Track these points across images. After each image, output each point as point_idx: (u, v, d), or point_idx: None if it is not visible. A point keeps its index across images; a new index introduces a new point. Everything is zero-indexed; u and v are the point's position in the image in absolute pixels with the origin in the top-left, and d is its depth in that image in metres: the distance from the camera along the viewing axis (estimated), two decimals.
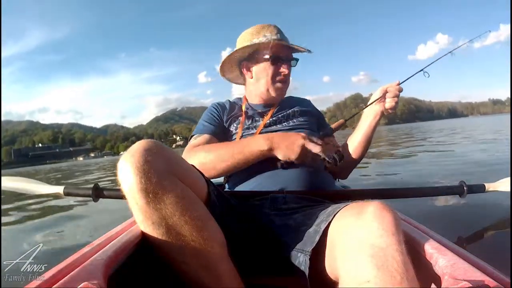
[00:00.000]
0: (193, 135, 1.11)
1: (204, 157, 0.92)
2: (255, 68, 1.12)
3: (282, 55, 1.07)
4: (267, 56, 1.07)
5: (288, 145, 0.88)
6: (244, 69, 1.16)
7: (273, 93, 1.11)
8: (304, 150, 0.87)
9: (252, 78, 1.14)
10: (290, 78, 1.15)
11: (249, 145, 0.90)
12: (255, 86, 1.14)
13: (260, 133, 1.05)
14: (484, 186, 1.19)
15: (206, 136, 1.07)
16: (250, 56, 1.12)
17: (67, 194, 1.16)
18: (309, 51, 1.12)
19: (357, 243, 0.50)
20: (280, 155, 0.89)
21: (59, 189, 1.17)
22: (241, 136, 1.07)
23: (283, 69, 1.07)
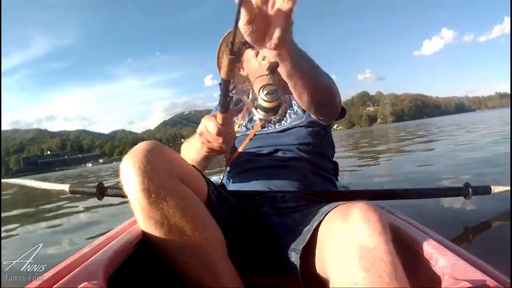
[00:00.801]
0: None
1: (184, 150, 0.95)
2: (244, 65, 1.13)
3: None
4: (243, 43, 1.04)
5: None
6: (241, 70, 1.17)
7: (262, 72, 1.10)
8: (206, 147, 0.76)
9: (246, 74, 1.14)
10: None
11: (195, 141, 0.84)
12: (250, 73, 1.13)
13: (255, 135, 1.03)
14: (490, 188, 1.16)
15: None
16: (243, 44, 1.10)
17: (72, 192, 1.17)
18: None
19: (345, 245, 0.49)
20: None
21: (65, 187, 1.19)
22: (236, 138, 1.07)
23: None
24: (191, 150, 0.89)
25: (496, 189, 1.15)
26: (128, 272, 0.61)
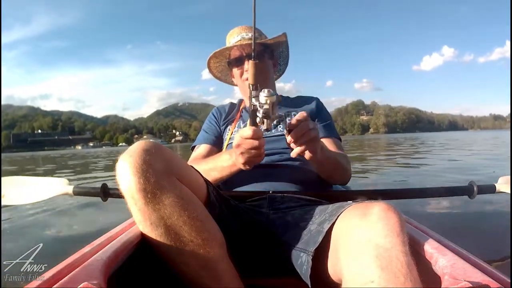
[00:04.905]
0: (194, 145, 1.17)
1: (204, 171, 0.91)
2: (234, 74, 1.17)
3: (243, 54, 1.09)
4: (229, 61, 1.14)
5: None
6: (233, 78, 1.21)
7: (247, 92, 1.12)
8: (245, 156, 0.75)
9: (236, 84, 1.20)
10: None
11: (219, 161, 0.89)
12: (240, 89, 1.18)
13: None
14: (495, 186, 1.14)
15: (204, 147, 1.12)
16: (228, 64, 1.18)
17: (76, 193, 1.17)
18: (270, 39, 1.10)
19: (362, 244, 0.50)
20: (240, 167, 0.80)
21: (69, 189, 1.18)
22: (228, 144, 1.09)
23: (246, 66, 1.08)
24: (215, 170, 0.89)
25: (500, 188, 1.15)
26: (128, 272, 0.61)
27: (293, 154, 0.74)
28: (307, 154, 0.76)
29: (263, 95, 0.67)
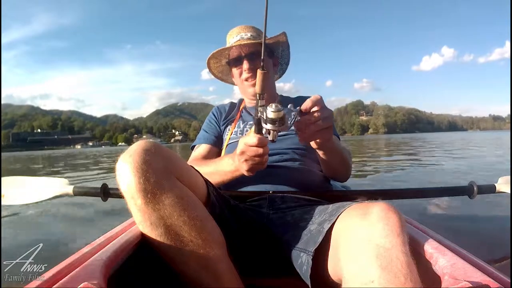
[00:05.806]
0: (194, 145, 1.17)
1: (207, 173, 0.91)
2: (233, 74, 1.17)
3: (241, 54, 1.09)
4: (228, 61, 1.15)
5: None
6: (233, 77, 1.21)
7: (247, 93, 1.13)
8: (248, 163, 0.74)
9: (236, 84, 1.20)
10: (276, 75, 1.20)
11: (221, 165, 0.89)
12: (239, 88, 1.18)
13: None
14: (495, 186, 1.15)
15: (204, 146, 1.13)
16: (227, 64, 1.18)
17: (76, 193, 1.17)
18: (268, 38, 1.09)
19: (362, 244, 0.50)
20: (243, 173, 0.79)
21: (69, 189, 1.18)
22: (228, 144, 1.09)
23: (245, 66, 1.08)
24: (216, 174, 0.89)
25: (500, 188, 1.15)
26: (128, 272, 0.61)
27: (302, 140, 0.72)
28: (315, 143, 0.76)
29: (270, 110, 0.65)
